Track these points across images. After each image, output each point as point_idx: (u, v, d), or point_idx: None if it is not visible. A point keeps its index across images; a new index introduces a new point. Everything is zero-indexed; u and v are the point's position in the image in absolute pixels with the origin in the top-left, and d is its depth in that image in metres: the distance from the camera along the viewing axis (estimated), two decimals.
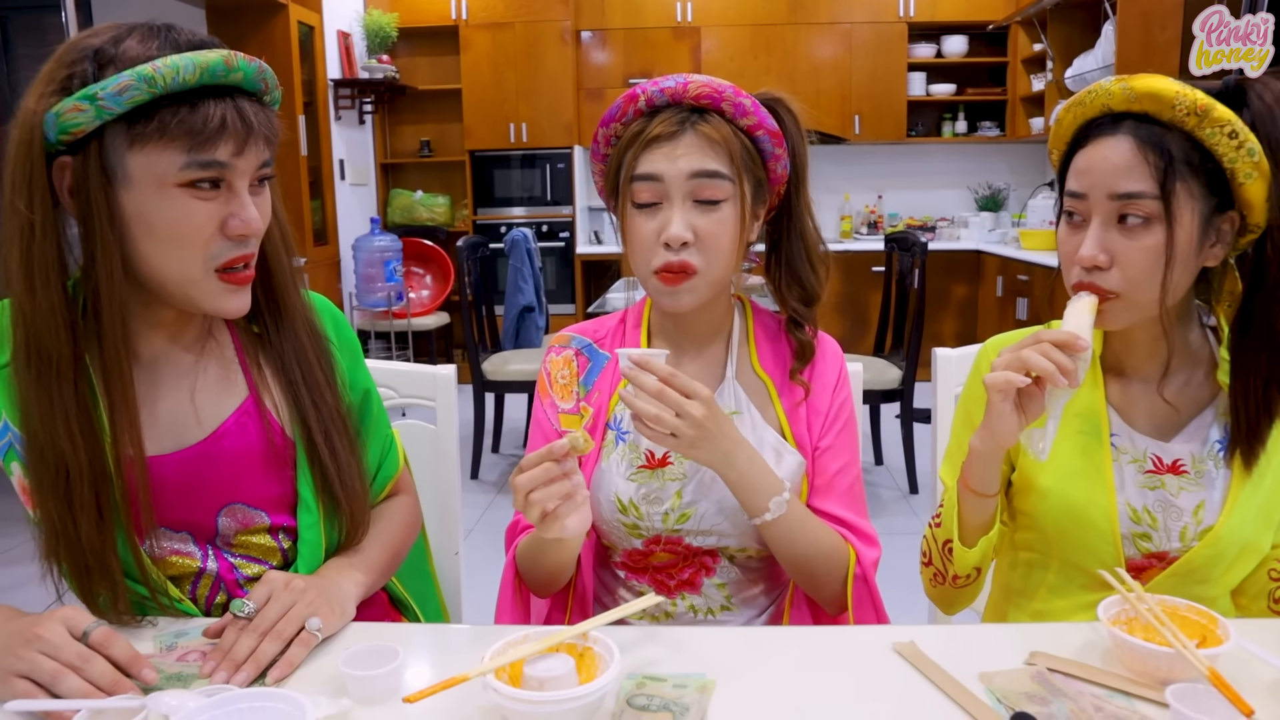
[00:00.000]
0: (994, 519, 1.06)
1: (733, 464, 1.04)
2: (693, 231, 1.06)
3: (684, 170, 1.06)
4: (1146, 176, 0.96)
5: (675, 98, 1.08)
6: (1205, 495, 1.05)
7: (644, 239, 1.09)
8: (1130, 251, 0.97)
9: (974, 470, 1.03)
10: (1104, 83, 1.00)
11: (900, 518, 3.55)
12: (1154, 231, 0.97)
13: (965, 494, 1.05)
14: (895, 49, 5.89)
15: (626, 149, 1.09)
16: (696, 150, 1.06)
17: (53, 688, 0.81)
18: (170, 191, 0.91)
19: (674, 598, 1.17)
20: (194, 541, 1.04)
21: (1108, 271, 0.99)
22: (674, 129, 1.07)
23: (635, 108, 1.10)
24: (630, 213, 1.10)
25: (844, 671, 0.91)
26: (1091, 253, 0.98)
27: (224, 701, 0.76)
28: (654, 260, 1.08)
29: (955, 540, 1.06)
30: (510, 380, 4.00)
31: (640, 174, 1.08)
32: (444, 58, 5.96)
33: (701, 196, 1.07)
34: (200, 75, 0.88)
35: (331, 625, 0.95)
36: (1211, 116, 0.94)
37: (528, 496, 0.93)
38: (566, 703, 0.76)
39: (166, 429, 1.01)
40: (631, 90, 1.09)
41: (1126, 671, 0.87)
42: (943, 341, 5.57)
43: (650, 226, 1.08)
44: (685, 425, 0.98)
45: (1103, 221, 0.99)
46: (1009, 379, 0.94)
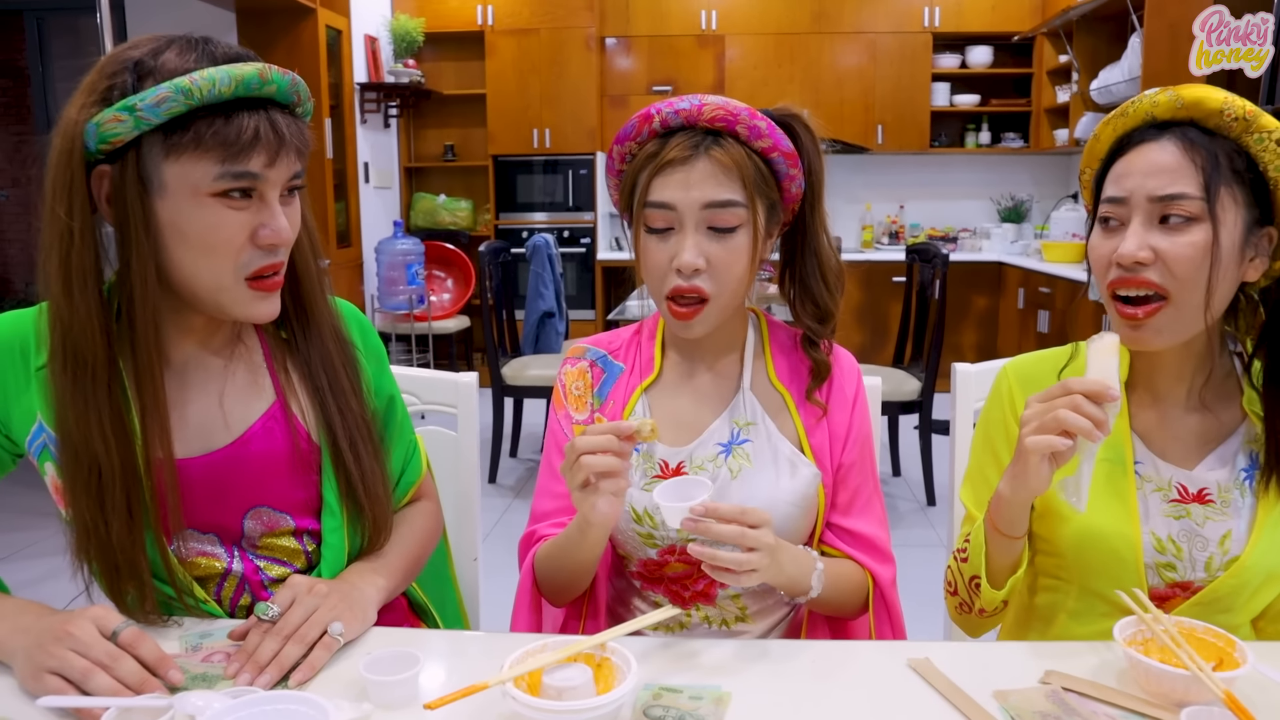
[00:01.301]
0: (1021, 558, 1.05)
1: (783, 568, 1.03)
2: (705, 258, 1.07)
3: (697, 200, 1.06)
4: (1191, 178, 0.95)
5: (690, 120, 1.08)
6: (1232, 525, 1.03)
7: (657, 264, 1.09)
8: (1175, 248, 0.96)
9: (1003, 516, 1.01)
10: (1149, 93, 1.00)
11: (917, 530, 3.54)
12: (1197, 229, 0.95)
13: (993, 535, 1.03)
14: (919, 59, 5.88)
15: (640, 171, 1.10)
16: (710, 178, 1.06)
17: (83, 685, 0.83)
18: (204, 201, 0.93)
19: (689, 609, 1.17)
20: (220, 543, 1.06)
21: (1149, 267, 0.96)
22: (687, 154, 1.06)
23: (650, 128, 1.10)
24: (644, 236, 1.11)
25: (859, 687, 0.91)
26: (1133, 248, 0.96)
27: (249, 703, 0.77)
28: (666, 285, 1.09)
29: (984, 579, 1.05)
30: (530, 385, 4.02)
31: (654, 201, 1.08)
32: (469, 63, 6.00)
33: (715, 224, 1.07)
34: (235, 88, 0.90)
35: (353, 630, 0.97)
36: (1259, 123, 0.95)
37: (580, 458, 0.94)
38: (584, 712, 0.77)
39: (195, 432, 1.03)
40: (646, 110, 1.09)
41: (1142, 693, 0.87)
42: (963, 353, 5.54)
43: (663, 252, 1.09)
44: (761, 557, 0.96)
45: (1143, 222, 0.97)
46: (1051, 444, 0.91)
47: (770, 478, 1.14)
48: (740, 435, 1.16)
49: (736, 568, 0.96)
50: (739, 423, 1.16)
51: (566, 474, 0.97)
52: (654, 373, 1.19)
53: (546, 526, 1.16)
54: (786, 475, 1.13)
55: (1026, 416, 0.94)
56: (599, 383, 1.20)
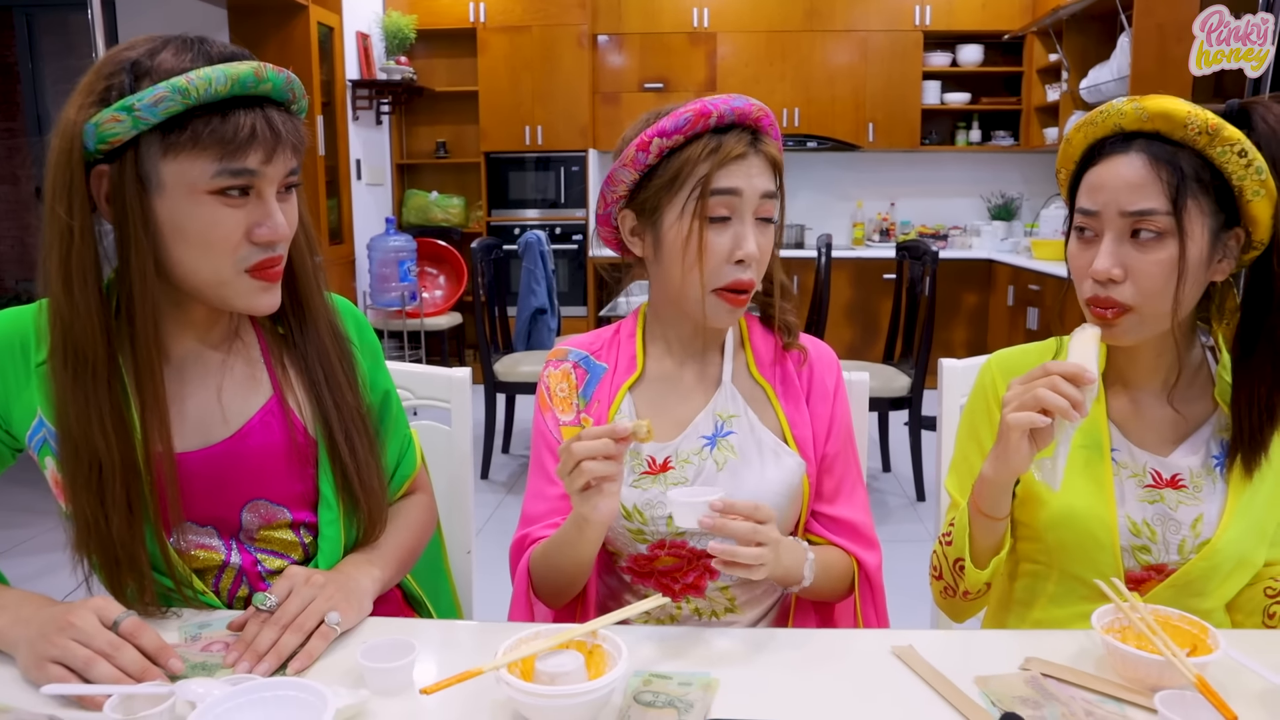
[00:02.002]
0: (1004, 540, 1.09)
1: (781, 560, 1.06)
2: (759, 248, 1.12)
3: (758, 189, 1.11)
4: (1159, 194, 0.99)
5: (742, 118, 1.12)
6: (1203, 509, 1.08)
7: (717, 254, 1.11)
8: (1144, 265, 1.00)
9: (985, 496, 1.05)
10: (1116, 103, 1.03)
11: (907, 525, 3.57)
12: (1166, 246, 0.99)
13: (977, 517, 1.07)
14: (910, 57, 5.91)
15: (700, 162, 1.10)
16: (762, 170, 1.12)
17: (85, 673, 0.85)
18: (201, 198, 0.94)
19: (679, 601, 1.20)
20: (218, 536, 1.07)
21: (1121, 285, 1.01)
22: (745, 149, 1.11)
23: (706, 123, 1.11)
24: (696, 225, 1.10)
25: (844, 673, 0.94)
26: (1106, 266, 1.01)
27: (249, 690, 0.79)
28: (723, 277, 1.11)
29: (967, 561, 1.09)
30: (522, 381, 4.04)
31: (721, 188, 1.10)
32: (461, 60, 6.01)
33: (762, 214, 1.12)
34: (231, 86, 0.92)
35: (349, 620, 0.99)
36: (1222, 135, 0.97)
37: (580, 464, 0.96)
38: (576, 697, 0.79)
39: (194, 427, 1.05)
40: (702, 106, 1.10)
41: (1118, 678, 0.90)
42: (953, 350, 5.58)
43: (723, 242, 1.11)
44: (769, 551, 1.00)
45: (1116, 237, 1.02)
46: (1031, 419, 0.96)
47: (756, 469, 1.16)
48: (724, 428, 1.18)
49: (755, 562, 0.98)
50: (722, 415, 1.19)
51: (565, 478, 0.98)
52: (637, 370, 1.22)
53: (540, 529, 1.17)
54: (772, 465, 1.16)
55: (1008, 397, 0.99)
56: (583, 383, 1.22)
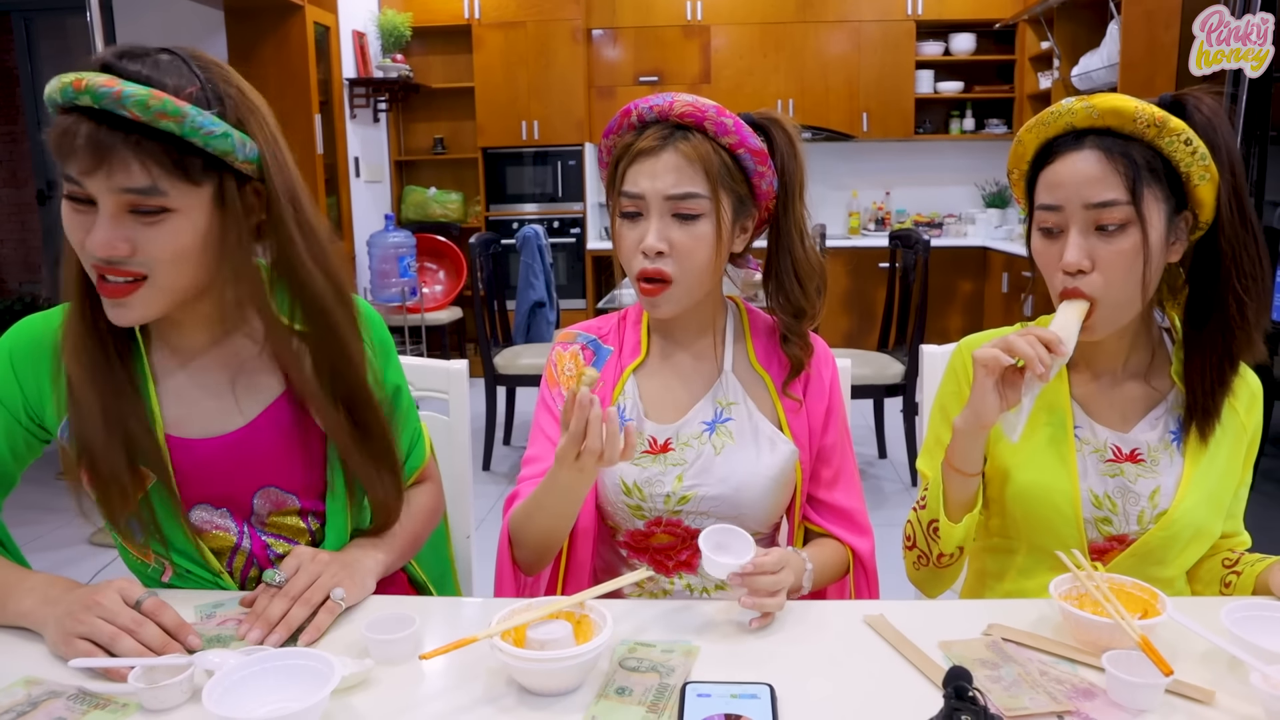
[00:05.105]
0: (976, 497, 1.15)
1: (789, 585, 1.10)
2: (668, 243, 1.15)
3: (661, 190, 1.15)
4: (1118, 185, 1.05)
5: (662, 115, 1.18)
6: (1160, 481, 1.14)
7: (627, 247, 1.19)
8: (1109, 255, 1.06)
9: (957, 450, 1.11)
10: (1066, 103, 1.09)
11: (902, 510, 3.63)
12: (1129, 235, 1.06)
13: (950, 473, 1.13)
14: (903, 47, 5.96)
15: (619, 161, 1.20)
16: (674, 170, 1.15)
17: (110, 647, 0.92)
18: (65, 202, 0.97)
19: (671, 577, 1.26)
20: (232, 517, 1.13)
21: (1090, 275, 1.07)
22: (655, 144, 1.16)
23: (629, 122, 1.21)
24: (618, 222, 1.20)
25: (817, 640, 1.00)
26: (1076, 258, 1.07)
27: (262, 659, 0.85)
28: (634, 266, 1.18)
29: (941, 518, 1.14)
30: (521, 374, 4.09)
31: (625, 190, 1.18)
32: (457, 56, 6.06)
33: (678, 211, 1.16)
34: (59, 95, 0.93)
35: (353, 596, 1.05)
36: (1169, 127, 1.04)
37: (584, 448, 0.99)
38: (565, 661, 0.85)
39: (211, 417, 1.11)
40: (627, 106, 1.20)
41: (1073, 641, 0.96)
42: (948, 337, 5.61)
43: (632, 235, 1.18)
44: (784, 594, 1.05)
45: (1080, 229, 1.08)
46: (997, 356, 1.03)
47: (751, 454, 1.22)
48: (723, 414, 1.25)
49: (774, 609, 1.03)
50: (722, 402, 1.25)
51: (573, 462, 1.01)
52: (641, 355, 1.28)
53: (530, 486, 1.21)
54: (766, 452, 1.22)
55: (984, 345, 1.06)
56: (590, 364, 1.28)
